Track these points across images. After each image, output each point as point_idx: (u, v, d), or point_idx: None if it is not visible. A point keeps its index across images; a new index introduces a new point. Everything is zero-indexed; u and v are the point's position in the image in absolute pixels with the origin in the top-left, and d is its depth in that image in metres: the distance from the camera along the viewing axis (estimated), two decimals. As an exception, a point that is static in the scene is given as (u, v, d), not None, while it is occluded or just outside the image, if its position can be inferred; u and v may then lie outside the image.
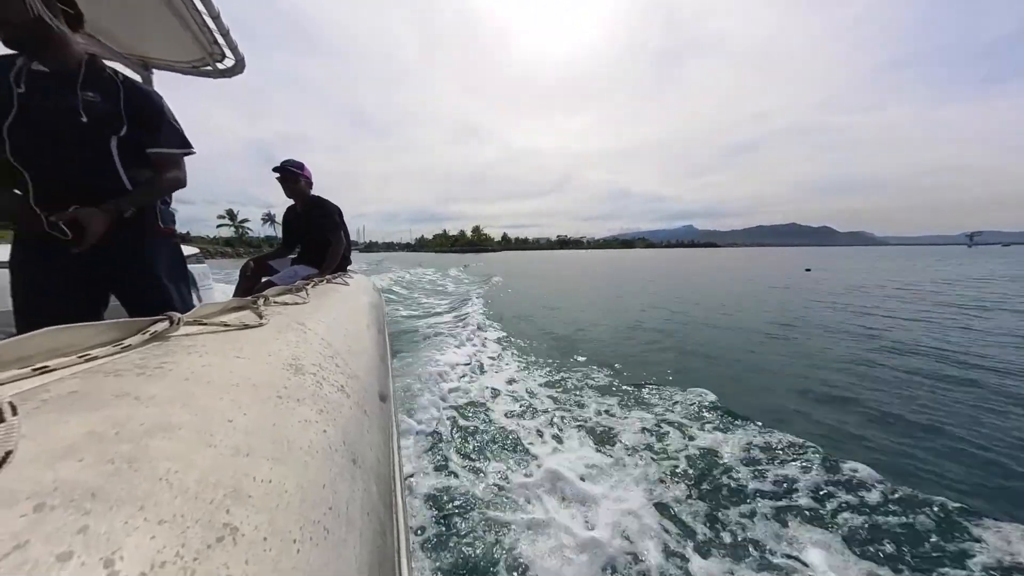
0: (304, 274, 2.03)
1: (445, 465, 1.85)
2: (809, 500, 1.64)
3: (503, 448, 2.03)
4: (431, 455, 1.93)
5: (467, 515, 1.50)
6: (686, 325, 5.52)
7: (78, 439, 0.26)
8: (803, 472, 1.82)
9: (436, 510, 1.53)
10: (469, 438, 2.12)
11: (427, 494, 1.62)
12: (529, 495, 1.64)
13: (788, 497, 1.66)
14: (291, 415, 0.42)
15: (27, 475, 0.22)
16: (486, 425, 2.27)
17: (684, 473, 1.83)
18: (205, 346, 0.49)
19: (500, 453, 1.98)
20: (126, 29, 1.60)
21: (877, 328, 5.07)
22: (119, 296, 1.13)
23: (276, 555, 0.27)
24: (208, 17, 1.43)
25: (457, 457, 1.92)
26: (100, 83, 1.00)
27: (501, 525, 1.45)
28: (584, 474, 1.79)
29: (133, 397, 0.32)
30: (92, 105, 0.98)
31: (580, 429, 2.24)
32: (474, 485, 1.69)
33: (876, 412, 2.54)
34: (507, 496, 1.63)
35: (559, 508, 1.56)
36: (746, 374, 3.37)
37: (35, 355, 0.37)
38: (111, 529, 0.21)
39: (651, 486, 1.72)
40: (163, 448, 0.28)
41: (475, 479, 1.74)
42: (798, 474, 1.80)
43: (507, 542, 1.37)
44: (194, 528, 0.24)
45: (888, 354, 3.87)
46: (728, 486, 1.74)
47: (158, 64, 1.90)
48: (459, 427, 2.24)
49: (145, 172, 1.09)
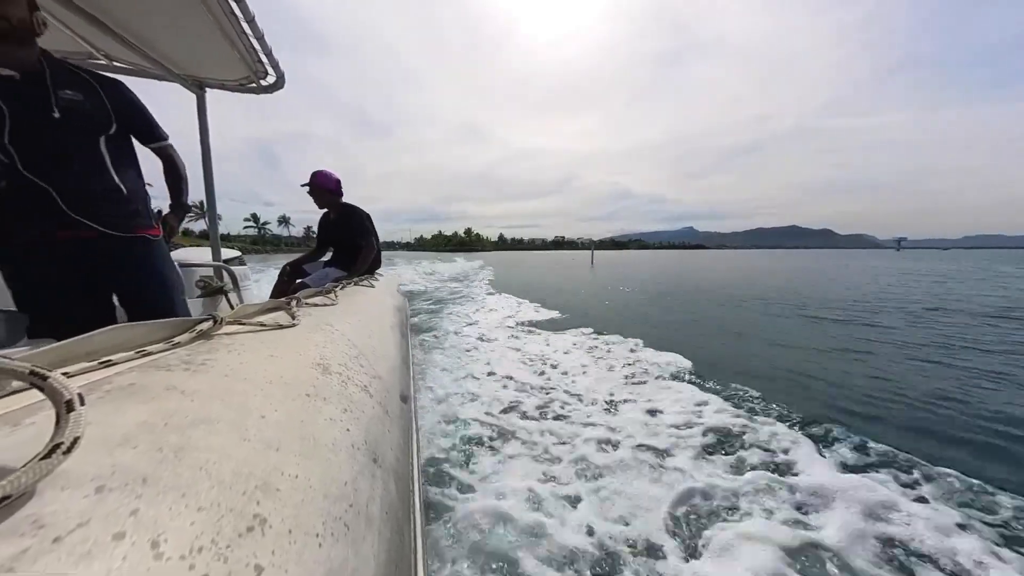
0: (334, 276, 2.13)
1: (462, 466, 1.86)
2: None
3: (523, 452, 2.02)
4: (449, 457, 1.95)
5: (483, 519, 1.50)
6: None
7: (133, 428, 0.28)
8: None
9: (452, 512, 1.54)
10: (487, 441, 2.13)
11: (444, 496, 1.64)
12: (551, 501, 1.62)
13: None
14: (318, 413, 0.44)
15: (91, 459, 0.24)
16: (506, 429, 2.26)
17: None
18: (243, 344, 0.52)
19: (520, 457, 1.97)
20: (183, 53, 1.76)
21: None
22: (121, 296, 1.13)
23: (300, 548, 0.28)
24: (253, 39, 1.54)
25: (474, 460, 1.93)
26: (74, 81, 0.96)
27: (518, 530, 1.44)
28: (603, 482, 1.75)
29: (180, 391, 0.35)
30: (76, 104, 0.94)
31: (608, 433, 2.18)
32: (491, 489, 1.69)
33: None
34: (528, 501, 1.62)
35: (585, 513, 1.53)
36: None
37: (100, 350, 0.41)
38: (158, 513, 0.23)
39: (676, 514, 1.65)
40: (203, 440, 0.30)
41: (492, 483, 1.74)
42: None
43: (524, 547, 1.36)
44: (228, 517, 0.26)
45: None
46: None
47: (211, 83, 2.08)
48: (478, 430, 2.25)
49: (128, 172, 1.07)
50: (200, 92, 2.10)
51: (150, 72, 1.92)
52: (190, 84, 2.04)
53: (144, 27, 1.55)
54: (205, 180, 2.24)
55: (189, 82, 2.03)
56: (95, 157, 1.01)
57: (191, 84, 2.04)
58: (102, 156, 1.02)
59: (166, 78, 1.95)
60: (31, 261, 0.99)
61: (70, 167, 0.97)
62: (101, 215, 1.03)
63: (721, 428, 2.27)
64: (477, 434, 2.19)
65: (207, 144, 2.21)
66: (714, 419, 2.37)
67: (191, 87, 2.06)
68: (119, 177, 1.05)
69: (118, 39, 1.55)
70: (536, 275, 16.39)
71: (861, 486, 1.68)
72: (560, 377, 3.22)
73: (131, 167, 1.11)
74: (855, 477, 1.76)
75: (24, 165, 0.91)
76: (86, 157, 0.99)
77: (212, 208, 2.43)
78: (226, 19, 1.38)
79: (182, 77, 1.97)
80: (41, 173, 0.93)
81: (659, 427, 2.28)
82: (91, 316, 1.07)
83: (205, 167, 2.20)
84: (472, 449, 2.04)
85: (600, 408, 2.57)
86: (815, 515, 1.55)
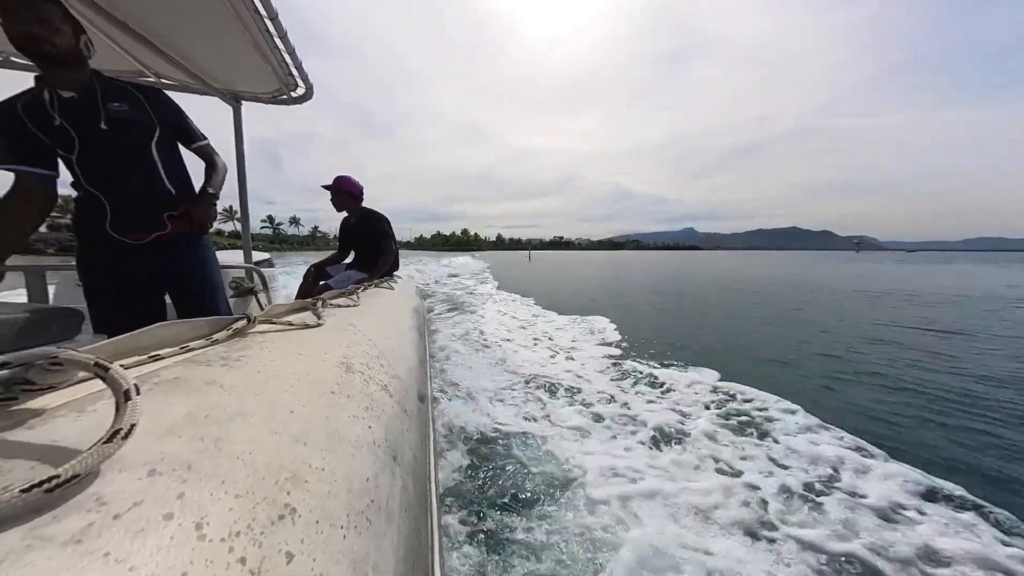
0: (356, 278, 2.21)
1: (478, 467, 1.87)
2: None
3: (540, 455, 2.00)
4: (465, 458, 1.96)
5: (499, 520, 1.50)
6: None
7: (179, 419, 0.31)
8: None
9: (468, 512, 1.55)
10: (503, 443, 2.13)
11: (460, 496, 1.65)
12: (567, 502, 1.60)
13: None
14: (341, 410, 0.46)
15: (143, 446, 0.27)
16: (523, 431, 2.26)
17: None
18: (274, 342, 0.55)
19: (537, 460, 1.96)
20: (222, 68, 1.89)
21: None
22: (172, 294, 1.23)
23: (326, 539, 0.30)
24: (285, 53, 1.63)
25: (490, 462, 1.93)
26: (120, 94, 1.05)
27: (535, 532, 1.43)
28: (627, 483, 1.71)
29: (219, 385, 0.38)
30: (125, 115, 1.02)
31: (626, 437, 2.14)
32: (506, 491, 1.69)
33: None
34: (544, 503, 1.60)
35: (608, 514, 1.51)
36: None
37: (149, 345, 0.45)
38: (201, 498, 0.25)
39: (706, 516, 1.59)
40: (240, 432, 0.32)
41: (507, 486, 1.74)
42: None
43: (540, 549, 1.35)
44: (261, 505, 0.27)
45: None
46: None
47: (246, 96, 2.21)
48: (493, 432, 2.25)
49: (177, 175, 1.16)
50: (236, 105, 2.24)
51: (192, 87, 2.07)
52: (228, 98, 2.18)
53: (188, 45, 1.68)
54: (239, 187, 2.38)
55: (227, 96, 2.17)
56: (146, 161, 1.09)
57: (228, 98, 2.18)
58: (153, 160, 1.11)
59: (207, 92, 2.09)
60: (96, 263, 1.11)
61: (123, 175, 1.06)
62: (153, 220, 1.13)
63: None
64: (496, 437, 2.20)
65: (242, 153, 2.35)
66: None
67: (228, 100, 2.20)
68: (169, 180, 1.14)
69: (165, 57, 1.68)
70: (493, 260, 25.23)
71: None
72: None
73: (180, 171, 1.20)
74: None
75: (87, 180, 1.03)
76: (137, 163, 1.08)
77: (245, 214, 2.57)
78: (261, 36, 1.47)
79: (221, 91, 2.11)
80: (98, 184, 1.04)
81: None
82: (144, 312, 1.18)
83: (239, 175, 2.34)
84: (490, 452, 2.04)
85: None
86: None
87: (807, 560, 1.35)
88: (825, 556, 1.37)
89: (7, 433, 0.26)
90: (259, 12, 1.31)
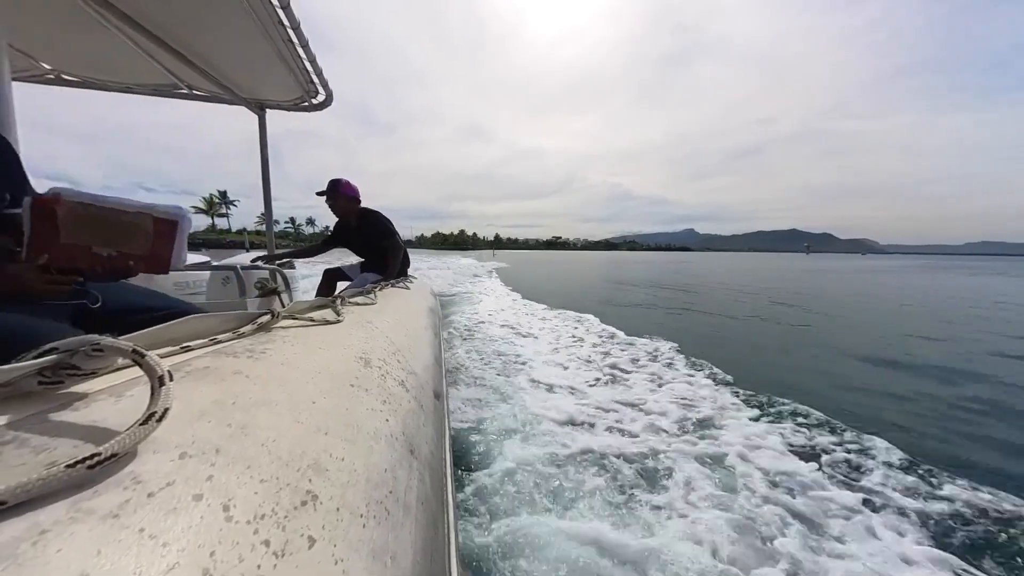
0: (372, 279, 2.25)
1: (492, 465, 1.87)
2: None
3: (554, 456, 1.98)
4: (479, 457, 1.97)
5: (513, 518, 1.49)
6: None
7: (208, 405, 0.32)
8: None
9: (483, 509, 1.55)
10: (518, 442, 2.12)
11: (475, 493, 1.65)
12: (580, 502, 1.57)
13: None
14: (360, 403, 0.47)
15: (175, 429, 0.28)
16: (538, 432, 2.24)
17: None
18: (296, 337, 0.57)
19: (552, 461, 1.94)
20: (247, 78, 1.98)
21: None
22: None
23: (346, 526, 0.30)
24: (307, 62, 1.69)
25: (505, 461, 1.93)
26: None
27: (551, 532, 1.41)
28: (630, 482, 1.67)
29: (245, 375, 0.39)
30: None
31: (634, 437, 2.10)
32: (522, 490, 1.68)
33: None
34: (559, 503, 1.58)
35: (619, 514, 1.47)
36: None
37: (181, 336, 0.47)
38: (228, 481, 0.26)
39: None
40: (264, 419, 0.33)
41: (523, 484, 1.72)
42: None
43: (554, 550, 1.33)
44: (285, 490, 0.28)
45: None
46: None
47: (270, 104, 2.31)
48: (507, 433, 2.25)
49: None
50: (261, 113, 2.33)
51: (221, 97, 2.17)
52: (253, 106, 2.28)
53: (217, 56, 1.76)
54: (264, 193, 2.48)
55: (252, 104, 2.26)
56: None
57: (253, 106, 2.28)
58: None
59: (234, 102, 2.19)
60: None
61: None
62: None
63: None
64: (510, 436, 2.19)
65: (266, 157, 2.45)
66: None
67: (253, 108, 2.29)
68: None
69: (196, 69, 1.78)
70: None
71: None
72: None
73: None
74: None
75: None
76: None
77: (270, 218, 2.67)
78: (284, 45, 1.53)
79: (247, 100, 2.21)
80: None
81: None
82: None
83: (264, 181, 2.44)
84: (505, 451, 2.04)
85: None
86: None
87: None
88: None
89: (55, 414, 0.27)
90: (283, 23, 1.36)
